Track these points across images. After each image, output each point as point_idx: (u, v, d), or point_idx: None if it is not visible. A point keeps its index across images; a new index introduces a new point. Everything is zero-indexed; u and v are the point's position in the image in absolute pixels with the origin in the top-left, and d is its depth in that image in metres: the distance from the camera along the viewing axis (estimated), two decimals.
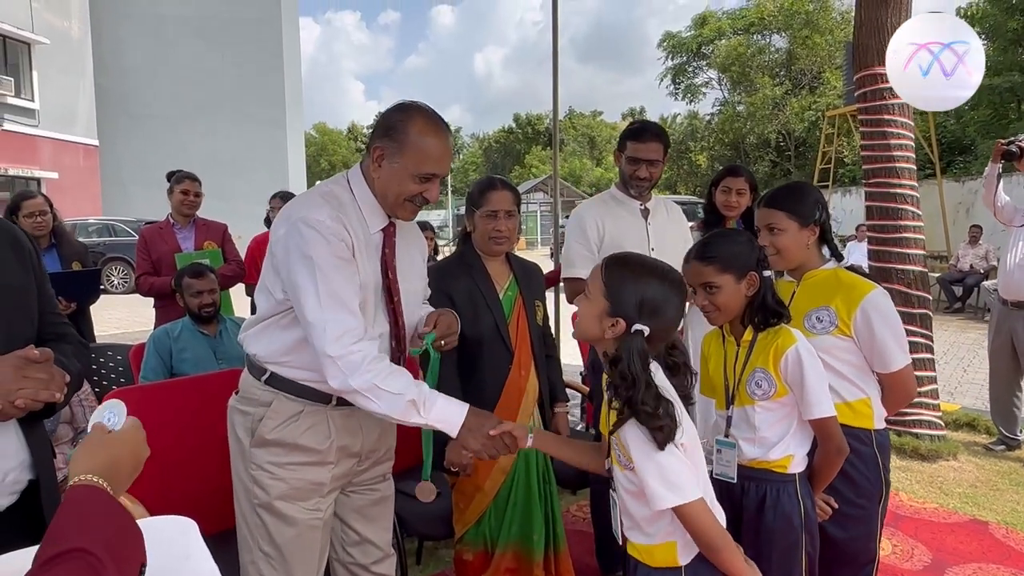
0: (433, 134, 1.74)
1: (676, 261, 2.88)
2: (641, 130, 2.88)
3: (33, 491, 1.51)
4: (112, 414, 1.07)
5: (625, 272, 1.56)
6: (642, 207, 2.93)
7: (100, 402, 2.80)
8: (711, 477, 1.89)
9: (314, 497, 1.82)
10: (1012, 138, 4.44)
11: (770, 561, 1.80)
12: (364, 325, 1.68)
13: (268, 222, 4.98)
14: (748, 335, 1.88)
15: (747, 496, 1.87)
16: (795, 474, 1.85)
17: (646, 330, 1.49)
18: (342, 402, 1.81)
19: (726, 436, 1.91)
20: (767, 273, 1.85)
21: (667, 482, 1.44)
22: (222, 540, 2.27)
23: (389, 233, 1.84)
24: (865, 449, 2.06)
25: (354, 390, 1.63)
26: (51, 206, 4.05)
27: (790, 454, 1.84)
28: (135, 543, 0.90)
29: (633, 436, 1.48)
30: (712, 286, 1.84)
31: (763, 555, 1.79)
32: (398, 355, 1.89)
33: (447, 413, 1.69)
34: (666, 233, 2.93)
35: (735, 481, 1.88)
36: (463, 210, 2.78)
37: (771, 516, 1.82)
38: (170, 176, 4.38)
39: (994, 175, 4.58)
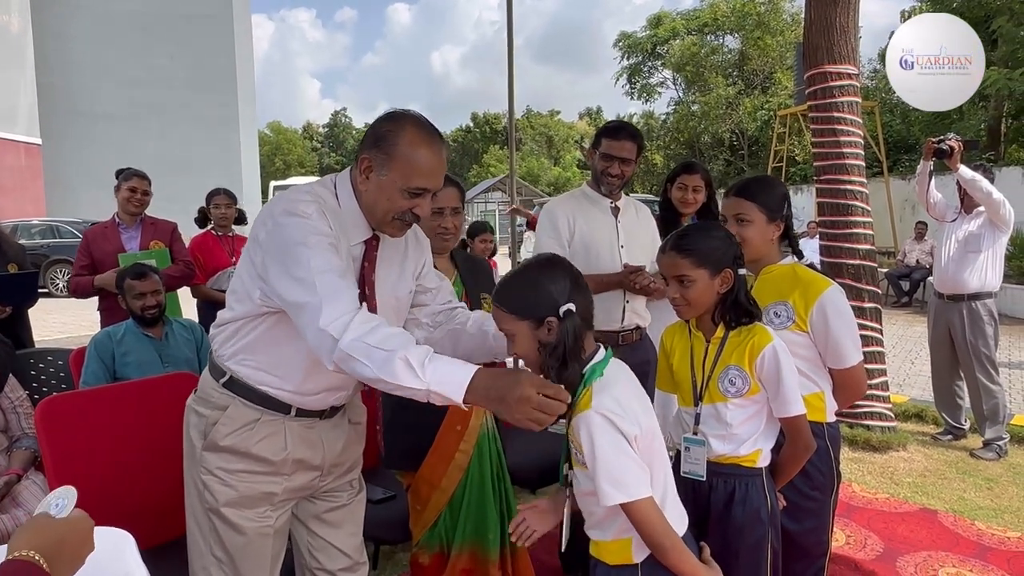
0: (425, 145, 1.64)
1: (644, 259, 2.92)
2: (617, 129, 2.94)
3: None
4: (62, 500, 1.03)
5: (512, 290, 1.56)
6: (612, 205, 2.96)
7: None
8: (679, 475, 1.88)
9: (263, 506, 1.76)
10: (942, 136, 4.55)
11: (738, 556, 1.79)
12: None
13: (204, 221, 4.83)
14: (720, 332, 1.86)
15: (715, 492, 1.85)
16: (762, 468, 1.86)
17: (573, 306, 1.50)
18: (302, 413, 1.76)
19: (694, 434, 1.89)
20: (742, 271, 1.83)
21: (613, 478, 1.44)
22: (168, 551, 2.20)
23: (371, 246, 1.75)
24: (818, 442, 2.06)
25: (345, 354, 1.45)
26: None
27: (759, 448, 1.84)
28: None
29: (584, 428, 1.47)
30: (686, 279, 1.81)
31: (731, 550, 1.79)
32: None
33: (449, 374, 1.42)
34: (635, 231, 2.97)
35: (704, 479, 1.86)
36: None
37: (740, 511, 1.82)
38: (119, 174, 4.23)
39: (926, 172, 4.70)
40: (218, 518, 1.74)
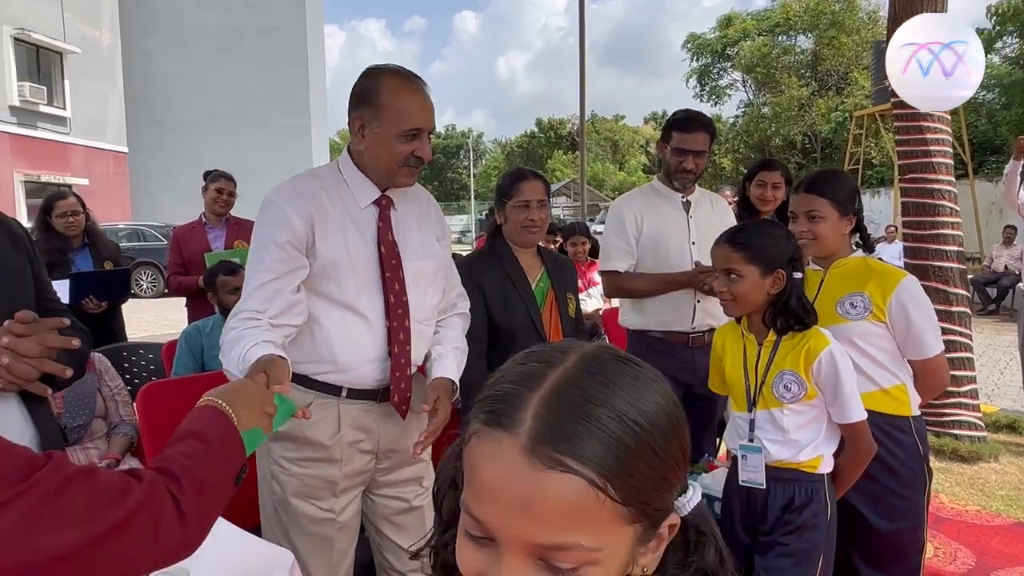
0: (408, 89, 1.70)
1: None
2: (687, 120, 2.72)
3: None
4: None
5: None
6: (684, 199, 2.83)
7: (133, 399, 2.82)
8: (738, 484, 1.84)
9: (327, 496, 1.79)
10: None
11: (791, 560, 1.75)
12: (270, 311, 1.64)
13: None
14: (772, 336, 1.81)
15: (773, 497, 1.80)
16: (824, 475, 1.80)
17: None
18: (353, 395, 1.78)
19: (750, 440, 1.84)
20: (797, 275, 1.77)
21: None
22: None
23: (384, 206, 1.79)
24: (905, 438, 2.00)
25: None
26: (83, 206, 4.08)
27: (820, 455, 1.80)
28: (237, 447, 1.04)
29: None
30: (735, 273, 1.76)
31: (785, 554, 1.75)
32: (398, 334, 1.77)
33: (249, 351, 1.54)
34: (708, 227, 2.78)
35: (763, 486, 1.81)
36: (486, 216, 2.76)
37: (798, 517, 1.77)
38: (207, 175, 4.40)
39: (1016, 172, 4.45)
40: (284, 509, 1.77)
